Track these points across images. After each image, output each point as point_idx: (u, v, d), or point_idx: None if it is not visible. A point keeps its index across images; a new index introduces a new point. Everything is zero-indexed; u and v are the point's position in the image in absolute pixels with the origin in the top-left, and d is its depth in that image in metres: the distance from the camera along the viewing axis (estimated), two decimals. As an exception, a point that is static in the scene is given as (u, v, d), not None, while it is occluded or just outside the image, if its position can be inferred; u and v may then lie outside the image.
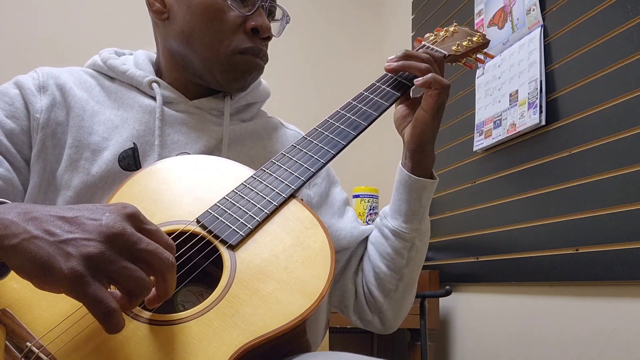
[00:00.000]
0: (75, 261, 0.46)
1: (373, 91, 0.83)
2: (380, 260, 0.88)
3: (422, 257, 0.90)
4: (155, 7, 0.85)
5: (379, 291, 0.89)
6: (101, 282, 0.47)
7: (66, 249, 0.46)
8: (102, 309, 0.46)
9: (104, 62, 0.88)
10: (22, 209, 0.49)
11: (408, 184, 0.85)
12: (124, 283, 0.48)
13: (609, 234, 1.26)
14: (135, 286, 0.48)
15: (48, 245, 0.46)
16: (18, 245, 0.46)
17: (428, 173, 0.86)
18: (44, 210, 0.49)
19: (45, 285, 0.47)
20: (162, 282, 0.51)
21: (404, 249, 0.86)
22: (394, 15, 2.67)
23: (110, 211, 0.50)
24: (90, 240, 0.47)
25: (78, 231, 0.48)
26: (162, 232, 0.53)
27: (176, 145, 0.83)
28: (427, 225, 0.89)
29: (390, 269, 0.87)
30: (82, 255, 0.46)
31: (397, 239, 0.86)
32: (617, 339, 1.25)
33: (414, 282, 0.91)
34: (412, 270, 0.88)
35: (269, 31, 0.84)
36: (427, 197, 0.86)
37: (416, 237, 0.86)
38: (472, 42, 0.95)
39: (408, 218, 0.86)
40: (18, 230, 0.46)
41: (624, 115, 1.25)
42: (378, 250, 0.89)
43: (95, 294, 0.46)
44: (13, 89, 0.81)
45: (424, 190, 0.85)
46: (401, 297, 0.90)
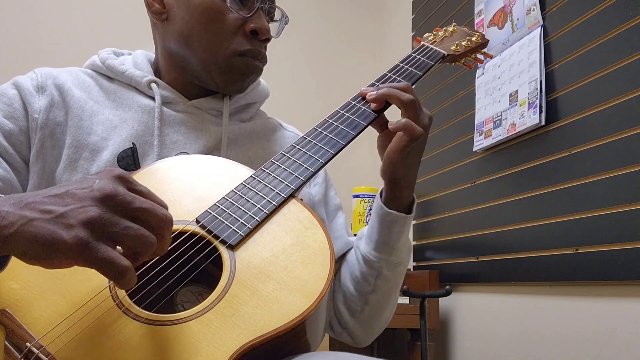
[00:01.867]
0: (77, 229, 0.46)
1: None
2: (349, 280, 0.85)
3: (393, 287, 0.85)
4: (154, 8, 0.85)
5: (345, 309, 0.86)
6: (107, 244, 0.47)
7: (66, 221, 0.47)
8: (116, 269, 0.46)
9: (102, 62, 0.88)
10: (15, 199, 0.49)
11: (379, 213, 0.81)
12: (129, 242, 0.48)
13: (609, 234, 1.26)
14: (141, 244, 0.48)
15: (47, 223, 0.46)
16: (18, 231, 0.46)
17: (402, 208, 0.81)
18: (36, 195, 0.50)
19: (54, 261, 0.47)
20: (161, 239, 0.51)
21: (370, 276, 0.83)
22: (394, 15, 2.67)
23: (99, 177, 0.51)
24: (86, 207, 0.48)
25: (72, 202, 0.48)
26: (152, 192, 0.53)
27: (175, 145, 0.83)
28: (399, 257, 0.83)
29: (357, 290, 0.84)
30: (82, 221, 0.47)
31: (365, 265, 0.83)
32: (617, 339, 1.25)
33: (385, 307, 0.87)
34: (380, 297, 0.84)
35: (268, 33, 0.84)
36: (399, 230, 0.81)
37: (384, 267, 0.82)
38: (471, 42, 0.95)
39: (378, 247, 0.82)
40: (15, 218, 0.47)
41: (624, 115, 1.25)
42: (349, 269, 0.86)
43: (105, 256, 0.46)
44: (11, 89, 0.81)
45: (394, 224, 0.80)
46: (369, 319, 0.86)
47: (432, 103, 2.12)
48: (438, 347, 1.96)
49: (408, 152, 0.76)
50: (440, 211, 2.02)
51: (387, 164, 0.78)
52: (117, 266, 0.46)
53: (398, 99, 0.76)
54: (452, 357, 1.92)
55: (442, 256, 1.98)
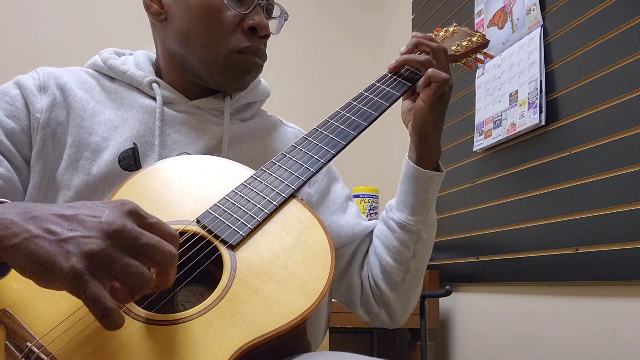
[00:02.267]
0: (76, 259, 0.46)
1: (373, 91, 0.84)
2: (387, 253, 0.88)
3: (429, 249, 0.90)
4: (153, 9, 0.85)
5: (386, 284, 0.89)
6: (102, 279, 0.47)
7: (67, 248, 0.46)
8: (100, 308, 0.46)
9: (104, 62, 0.88)
10: (22, 208, 0.49)
11: (415, 176, 0.86)
12: (125, 279, 0.48)
13: (609, 234, 1.26)
14: (137, 282, 0.49)
15: (48, 244, 0.46)
16: (19, 245, 0.46)
17: (434, 165, 0.87)
18: (44, 209, 0.49)
19: (46, 283, 0.47)
20: (164, 274, 0.52)
21: (410, 241, 0.86)
22: (394, 15, 2.67)
23: (110, 208, 0.50)
24: (90, 238, 0.47)
25: (78, 229, 0.48)
26: (163, 223, 0.53)
27: (176, 145, 0.83)
28: (433, 217, 0.89)
29: (397, 261, 0.87)
30: (83, 253, 0.46)
31: (404, 232, 0.86)
32: (617, 339, 1.25)
33: (421, 274, 0.91)
34: (419, 262, 0.88)
35: (266, 29, 0.84)
36: (434, 189, 0.86)
37: (422, 229, 0.86)
38: (471, 42, 0.95)
39: (414, 210, 0.86)
40: (18, 230, 0.47)
41: (624, 115, 1.25)
42: (384, 243, 0.89)
43: (94, 293, 0.46)
44: (14, 88, 0.81)
45: (431, 182, 0.86)
46: (408, 290, 0.90)
47: (432, 103, 2.12)
48: (438, 347, 1.96)
49: (438, 100, 0.82)
50: (440, 211, 2.01)
51: (419, 116, 0.83)
52: (102, 306, 0.46)
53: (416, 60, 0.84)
54: (452, 357, 1.92)
55: (442, 256, 1.98)
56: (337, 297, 0.95)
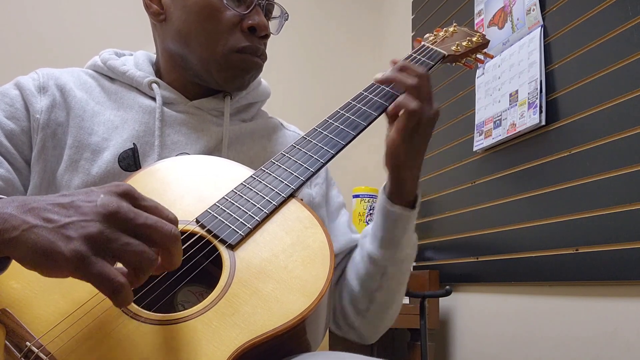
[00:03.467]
0: (76, 242, 0.46)
1: (372, 91, 0.83)
2: (354, 279, 0.85)
3: (399, 284, 0.85)
4: (153, 9, 0.85)
5: (352, 308, 0.86)
6: (105, 260, 0.47)
7: (66, 233, 0.47)
8: (111, 285, 0.46)
9: (104, 63, 0.88)
10: (19, 201, 0.49)
11: (384, 210, 0.80)
12: (128, 258, 0.48)
13: (609, 234, 1.26)
14: (139, 260, 0.48)
15: (48, 232, 0.47)
16: (19, 236, 0.46)
17: (406, 202, 0.80)
18: (41, 200, 0.50)
19: (51, 271, 0.47)
20: (167, 254, 0.51)
21: (376, 274, 0.82)
22: (394, 15, 2.67)
23: (104, 192, 0.51)
24: (88, 222, 0.48)
25: (75, 214, 0.48)
26: (161, 206, 0.53)
27: (176, 145, 0.83)
28: (404, 253, 0.82)
29: (363, 289, 0.84)
30: (82, 236, 0.47)
31: (371, 264, 0.82)
32: (617, 339, 1.25)
33: (389, 305, 0.86)
34: (386, 295, 0.84)
35: (266, 29, 0.84)
36: (403, 227, 0.80)
37: (389, 264, 0.81)
38: (471, 42, 0.95)
39: (383, 244, 0.81)
40: (17, 222, 0.47)
41: (624, 115, 1.25)
42: (354, 268, 0.86)
43: (101, 271, 0.46)
44: (13, 89, 0.81)
45: (399, 220, 0.79)
46: (374, 318, 0.86)
47: (432, 103, 2.12)
48: (438, 347, 1.96)
49: (410, 135, 0.75)
50: (440, 211, 2.02)
51: (389, 147, 0.78)
52: (111, 282, 0.46)
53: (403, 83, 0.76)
54: (452, 357, 1.92)
55: (442, 256, 1.98)
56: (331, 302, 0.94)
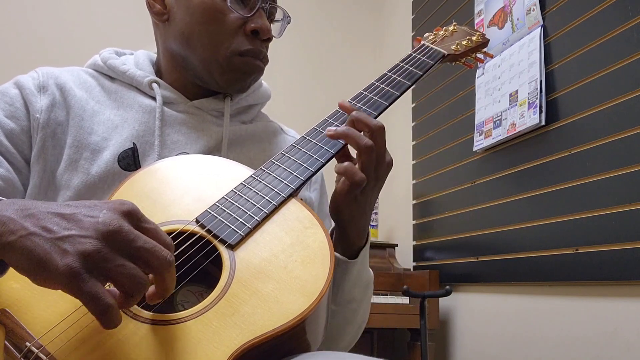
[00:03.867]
0: (72, 258, 0.46)
1: (372, 90, 0.83)
2: None
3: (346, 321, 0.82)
4: (156, 9, 0.85)
5: None
6: (97, 279, 0.47)
7: (62, 246, 0.46)
8: (99, 305, 0.46)
9: (104, 62, 0.88)
10: (19, 205, 0.49)
11: None
12: (120, 281, 0.48)
13: (609, 234, 1.26)
14: (131, 284, 0.48)
15: (45, 242, 0.46)
16: (15, 242, 0.46)
17: (349, 251, 0.77)
18: (42, 207, 0.49)
19: (42, 281, 0.47)
20: (161, 280, 0.51)
21: None
22: (394, 15, 2.67)
23: (108, 208, 0.50)
24: (86, 238, 0.47)
25: (75, 228, 0.48)
26: (160, 230, 0.53)
27: (176, 145, 0.83)
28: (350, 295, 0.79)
29: None
30: (78, 252, 0.46)
31: None
32: (617, 339, 1.25)
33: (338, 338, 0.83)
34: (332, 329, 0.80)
35: (269, 33, 0.84)
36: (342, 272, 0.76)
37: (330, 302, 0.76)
38: (471, 41, 0.95)
39: None
40: (15, 227, 0.47)
41: (624, 115, 1.25)
42: None
43: (92, 290, 0.46)
44: (13, 89, 0.81)
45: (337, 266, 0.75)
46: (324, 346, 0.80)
47: (432, 103, 2.12)
48: (438, 347, 1.96)
49: (354, 198, 0.72)
50: (440, 211, 2.01)
51: (332, 203, 0.74)
52: (100, 302, 0.46)
53: (356, 142, 0.70)
54: (452, 357, 1.92)
55: (442, 256, 1.98)
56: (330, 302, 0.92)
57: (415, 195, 2.22)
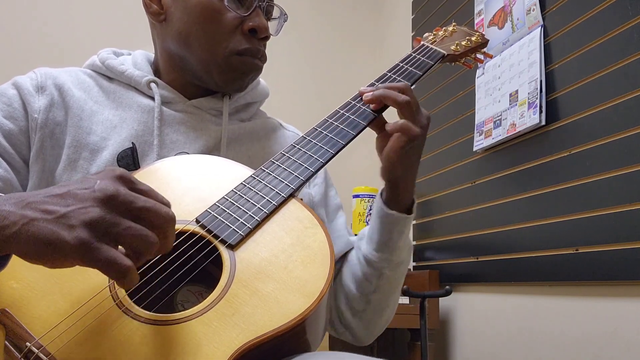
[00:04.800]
0: (79, 230, 0.46)
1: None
2: (351, 281, 0.85)
3: (395, 286, 0.86)
4: (153, 9, 0.85)
5: (348, 309, 0.86)
6: (108, 244, 0.47)
7: (68, 222, 0.47)
8: (118, 269, 0.47)
9: (102, 63, 0.88)
10: (16, 198, 0.49)
11: (380, 214, 0.81)
12: (131, 242, 0.49)
13: (609, 234, 1.26)
14: (142, 244, 0.49)
15: (48, 223, 0.47)
16: (19, 231, 0.46)
17: (402, 208, 0.81)
18: (37, 194, 0.50)
19: (56, 262, 0.47)
20: (163, 237, 0.52)
21: (372, 276, 0.83)
22: (394, 15, 2.67)
23: (100, 177, 0.51)
24: (87, 207, 0.48)
25: (74, 203, 0.48)
26: (154, 191, 0.53)
27: (175, 144, 0.83)
28: (400, 256, 0.83)
29: (359, 291, 0.84)
30: (84, 222, 0.47)
31: (367, 265, 0.83)
32: (617, 339, 1.25)
33: (385, 307, 0.86)
34: (382, 297, 0.84)
35: (266, 31, 0.84)
36: (400, 230, 0.81)
37: (385, 267, 0.82)
38: (471, 41, 0.95)
39: (379, 247, 0.81)
40: (16, 217, 0.47)
41: (624, 115, 1.25)
42: (350, 269, 0.86)
43: (108, 256, 0.46)
44: (11, 89, 0.81)
45: (396, 225, 0.80)
46: (371, 319, 0.86)
47: (432, 103, 2.12)
48: (438, 347, 1.96)
49: (406, 153, 0.76)
50: (440, 211, 2.01)
51: (386, 164, 0.78)
52: (118, 266, 0.47)
53: (394, 100, 0.75)
54: (452, 357, 1.92)
55: (442, 256, 1.98)
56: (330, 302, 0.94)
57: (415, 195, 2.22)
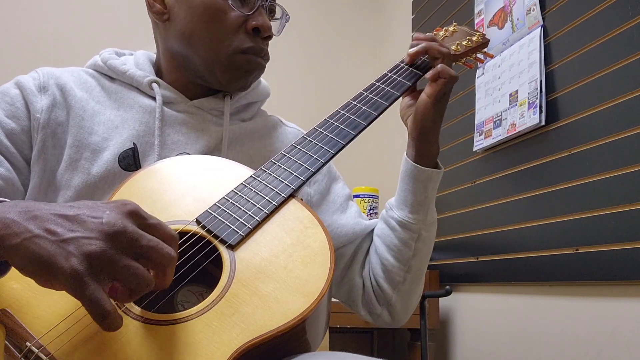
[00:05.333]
0: (76, 260, 0.46)
1: (373, 91, 0.84)
2: (388, 252, 0.88)
3: (430, 248, 0.90)
4: (156, 8, 0.85)
5: (387, 283, 0.89)
6: (102, 280, 0.47)
7: (67, 248, 0.47)
8: (98, 310, 0.47)
9: (104, 63, 0.88)
10: (22, 207, 0.49)
11: (413, 174, 0.85)
12: (126, 281, 0.49)
13: (609, 234, 1.26)
14: (137, 284, 0.49)
15: (49, 245, 0.47)
16: (20, 244, 0.46)
17: (433, 163, 0.87)
18: (45, 208, 0.50)
19: (46, 283, 0.47)
20: (162, 275, 0.52)
21: (410, 239, 0.86)
22: (394, 15, 2.67)
23: (111, 209, 0.50)
24: (91, 239, 0.48)
25: (79, 230, 0.48)
26: (163, 225, 0.53)
27: (176, 145, 0.83)
28: (433, 216, 0.88)
29: (398, 260, 0.87)
30: (84, 254, 0.47)
31: (404, 230, 0.86)
32: (617, 339, 1.25)
33: (422, 273, 0.91)
34: (420, 261, 0.88)
35: (270, 30, 0.84)
36: (433, 187, 0.86)
37: (422, 227, 0.86)
38: (471, 41, 0.95)
39: (414, 209, 0.86)
40: (19, 229, 0.47)
41: (624, 115, 1.25)
42: (385, 242, 0.88)
43: (92, 295, 0.46)
44: (14, 89, 0.81)
45: (430, 181, 0.86)
46: (409, 289, 0.90)
47: (432, 103, 2.12)
48: (438, 347, 1.96)
49: (440, 98, 0.82)
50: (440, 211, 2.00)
51: (421, 112, 0.83)
52: (100, 308, 0.47)
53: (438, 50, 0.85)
54: (452, 357, 1.92)
55: (442, 256, 1.98)
56: (339, 297, 0.95)
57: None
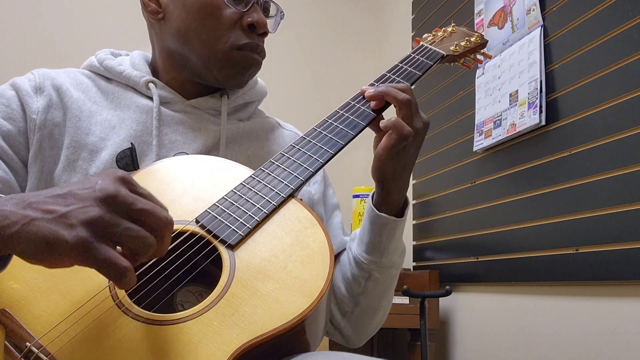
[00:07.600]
0: (79, 229, 0.47)
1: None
2: (341, 280, 0.85)
3: (385, 290, 0.85)
4: (150, 8, 0.85)
5: (337, 309, 0.86)
6: (107, 244, 0.48)
7: (67, 221, 0.47)
8: (116, 269, 0.47)
9: (100, 63, 0.88)
10: (17, 198, 0.50)
11: (370, 216, 0.80)
12: (129, 243, 0.49)
13: (609, 234, 1.26)
14: (140, 245, 0.49)
15: (49, 223, 0.47)
16: (19, 231, 0.46)
17: (393, 211, 0.80)
18: (39, 195, 0.50)
19: (55, 261, 0.47)
20: (160, 241, 0.52)
21: (361, 277, 0.82)
22: (394, 15, 2.67)
23: (101, 178, 0.51)
24: (87, 207, 0.48)
25: (74, 202, 0.48)
26: (152, 195, 0.54)
27: (174, 145, 0.83)
28: (390, 260, 0.82)
29: (348, 291, 0.84)
30: (84, 221, 0.47)
31: (356, 266, 0.82)
32: (617, 339, 1.25)
33: (375, 310, 0.86)
34: (371, 299, 0.83)
35: (265, 27, 0.85)
36: (389, 234, 0.79)
37: (374, 269, 0.81)
38: (470, 42, 0.95)
39: (368, 249, 0.80)
40: (17, 217, 0.47)
41: (624, 115, 1.25)
42: (341, 270, 0.85)
43: (106, 256, 0.47)
44: (9, 90, 0.81)
45: (384, 227, 0.79)
46: (359, 320, 0.85)
47: (432, 103, 2.12)
48: (438, 347, 1.96)
49: (397, 152, 0.75)
50: (440, 211, 2.01)
51: (376, 162, 0.77)
52: (117, 267, 0.47)
53: (394, 97, 0.75)
54: (452, 357, 1.92)
55: (442, 256, 1.98)
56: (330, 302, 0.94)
57: (415, 195, 2.22)
